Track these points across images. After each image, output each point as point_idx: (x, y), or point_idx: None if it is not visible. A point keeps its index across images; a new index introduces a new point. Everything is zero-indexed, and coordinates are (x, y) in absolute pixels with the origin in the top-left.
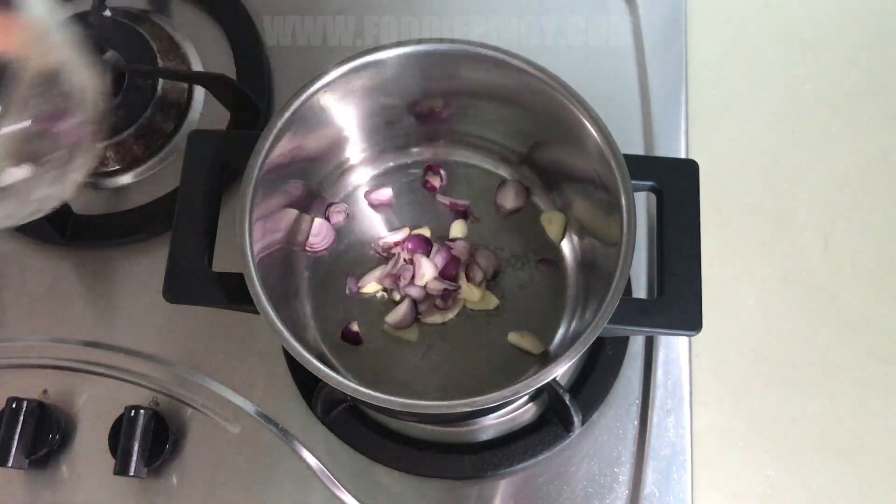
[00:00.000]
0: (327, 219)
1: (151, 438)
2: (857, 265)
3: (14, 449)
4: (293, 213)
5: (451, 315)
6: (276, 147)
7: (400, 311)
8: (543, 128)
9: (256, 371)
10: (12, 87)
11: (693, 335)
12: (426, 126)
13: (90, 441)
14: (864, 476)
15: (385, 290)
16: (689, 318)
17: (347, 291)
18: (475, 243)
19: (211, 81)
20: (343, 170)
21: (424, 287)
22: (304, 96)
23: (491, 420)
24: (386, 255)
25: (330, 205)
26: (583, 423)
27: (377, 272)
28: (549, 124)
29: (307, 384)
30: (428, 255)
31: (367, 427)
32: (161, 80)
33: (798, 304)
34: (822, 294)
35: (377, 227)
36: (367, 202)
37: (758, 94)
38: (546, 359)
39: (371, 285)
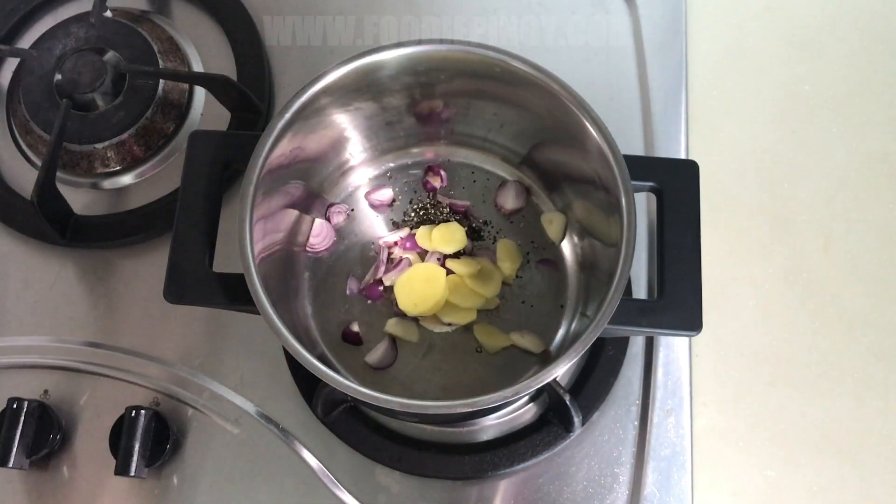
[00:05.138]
0: (328, 219)
1: (152, 439)
2: (857, 265)
3: (15, 449)
4: (294, 213)
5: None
6: (277, 148)
7: (379, 352)
8: (544, 128)
9: (257, 371)
10: None
11: (693, 335)
12: (426, 127)
13: (91, 441)
14: (864, 476)
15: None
16: (689, 319)
17: (348, 292)
18: (475, 244)
19: (211, 82)
20: (343, 170)
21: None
22: (304, 97)
23: (491, 420)
24: (389, 253)
25: (330, 205)
26: (583, 423)
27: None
28: (550, 125)
29: (308, 384)
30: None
31: (367, 427)
32: (162, 81)
33: (798, 304)
34: (822, 294)
35: (377, 228)
36: (368, 203)
37: (758, 95)
38: (546, 359)
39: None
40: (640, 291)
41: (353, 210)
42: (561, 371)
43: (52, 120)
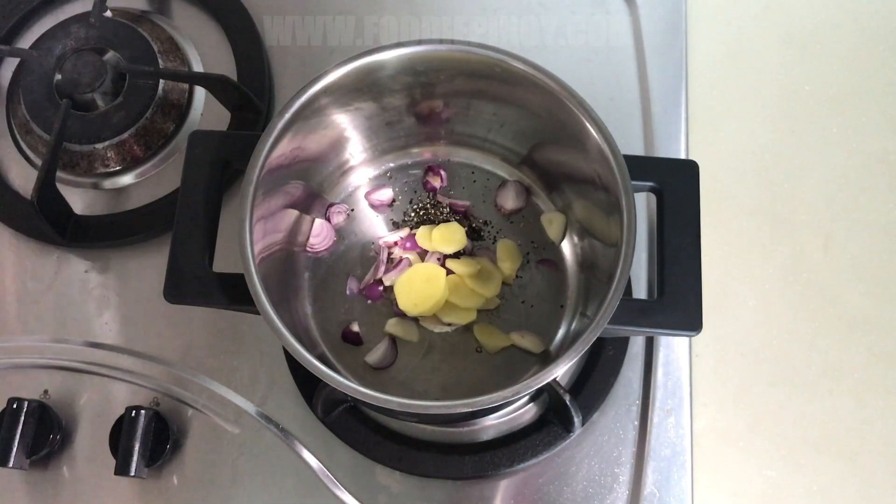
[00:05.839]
0: (328, 219)
1: (152, 439)
2: (857, 265)
3: (15, 449)
4: (294, 213)
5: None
6: (277, 148)
7: (379, 352)
8: (544, 128)
9: (257, 371)
10: None
11: (693, 335)
12: (426, 127)
13: (91, 441)
14: (864, 476)
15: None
16: (689, 319)
17: (348, 292)
18: (475, 244)
19: (211, 82)
20: (343, 170)
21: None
22: (304, 97)
23: (491, 420)
24: (389, 253)
25: (330, 205)
26: (583, 423)
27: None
28: (550, 125)
29: (308, 384)
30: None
31: (367, 427)
32: (162, 81)
33: (798, 304)
34: (822, 294)
35: (377, 228)
36: (368, 203)
37: (758, 95)
38: (546, 359)
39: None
40: (640, 291)
41: (353, 210)
42: (561, 371)
43: (52, 120)
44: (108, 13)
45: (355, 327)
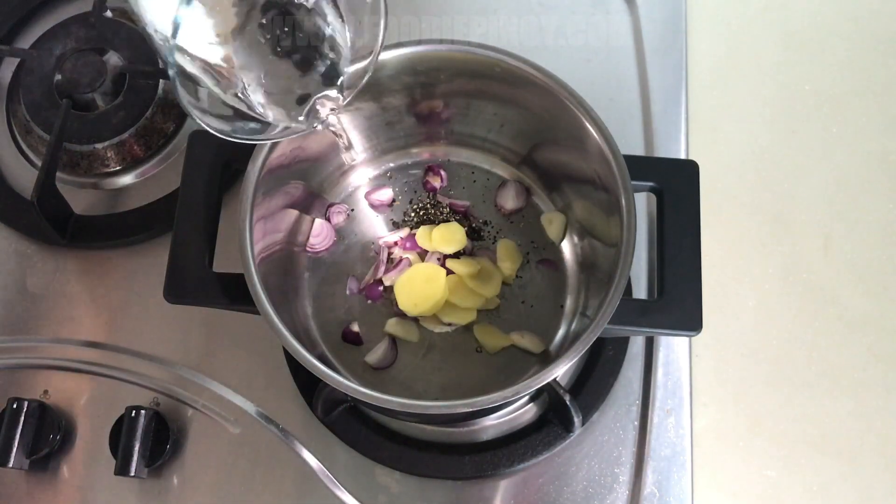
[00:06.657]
0: (328, 219)
1: (152, 439)
2: (857, 265)
3: (15, 449)
4: (294, 213)
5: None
6: (277, 148)
7: (379, 352)
8: (543, 128)
9: (257, 371)
10: None
11: (693, 335)
12: (426, 127)
13: (91, 441)
14: (864, 476)
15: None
16: (689, 319)
17: (348, 292)
18: (475, 244)
19: None
20: (343, 170)
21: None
22: None
23: (491, 420)
24: (389, 253)
25: (330, 205)
26: (583, 423)
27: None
28: (550, 125)
29: (308, 384)
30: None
31: (367, 427)
32: (162, 81)
33: (798, 304)
34: (822, 294)
35: (377, 228)
36: (368, 203)
37: (758, 95)
38: (546, 359)
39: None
40: (640, 291)
41: (353, 210)
42: (561, 371)
43: (52, 120)
44: (108, 13)
45: (355, 327)
